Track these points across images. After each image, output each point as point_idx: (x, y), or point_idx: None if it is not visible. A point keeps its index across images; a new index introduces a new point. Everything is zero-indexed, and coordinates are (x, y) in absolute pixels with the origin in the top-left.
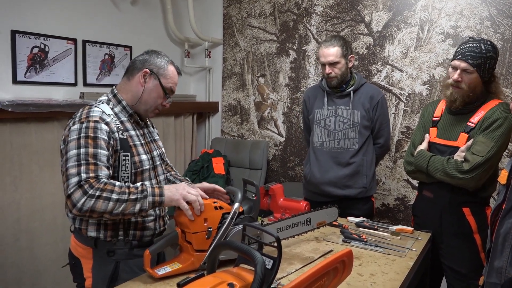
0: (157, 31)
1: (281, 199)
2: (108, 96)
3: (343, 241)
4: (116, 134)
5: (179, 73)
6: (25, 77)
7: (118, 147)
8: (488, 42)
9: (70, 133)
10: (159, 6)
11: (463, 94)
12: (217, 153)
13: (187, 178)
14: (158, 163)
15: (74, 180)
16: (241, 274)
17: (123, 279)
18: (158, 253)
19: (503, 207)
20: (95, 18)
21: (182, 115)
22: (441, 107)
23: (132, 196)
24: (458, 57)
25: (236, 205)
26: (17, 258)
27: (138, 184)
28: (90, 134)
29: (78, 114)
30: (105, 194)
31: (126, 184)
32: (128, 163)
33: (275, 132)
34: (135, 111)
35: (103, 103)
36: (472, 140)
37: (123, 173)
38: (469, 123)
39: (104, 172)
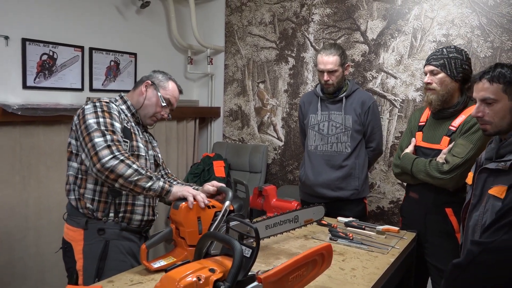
0: (161, 39)
1: (274, 200)
2: (115, 98)
3: (330, 238)
4: (122, 117)
5: (180, 91)
6: (34, 83)
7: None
8: (452, 47)
9: (84, 110)
10: (163, 14)
11: (437, 94)
12: (218, 156)
13: (191, 184)
14: (151, 161)
15: (101, 139)
16: (223, 261)
17: (112, 258)
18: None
19: (471, 202)
20: (101, 26)
21: (184, 119)
22: (427, 113)
23: (149, 174)
24: (425, 64)
25: (227, 203)
26: (24, 254)
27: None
28: (105, 109)
29: (87, 102)
30: (128, 161)
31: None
32: (127, 148)
33: (274, 137)
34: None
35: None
36: (453, 142)
37: None
38: (450, 127)
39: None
